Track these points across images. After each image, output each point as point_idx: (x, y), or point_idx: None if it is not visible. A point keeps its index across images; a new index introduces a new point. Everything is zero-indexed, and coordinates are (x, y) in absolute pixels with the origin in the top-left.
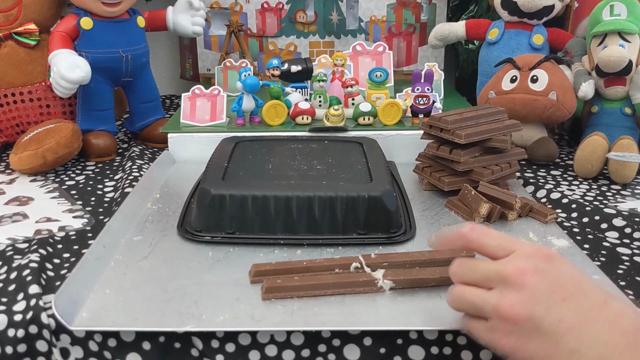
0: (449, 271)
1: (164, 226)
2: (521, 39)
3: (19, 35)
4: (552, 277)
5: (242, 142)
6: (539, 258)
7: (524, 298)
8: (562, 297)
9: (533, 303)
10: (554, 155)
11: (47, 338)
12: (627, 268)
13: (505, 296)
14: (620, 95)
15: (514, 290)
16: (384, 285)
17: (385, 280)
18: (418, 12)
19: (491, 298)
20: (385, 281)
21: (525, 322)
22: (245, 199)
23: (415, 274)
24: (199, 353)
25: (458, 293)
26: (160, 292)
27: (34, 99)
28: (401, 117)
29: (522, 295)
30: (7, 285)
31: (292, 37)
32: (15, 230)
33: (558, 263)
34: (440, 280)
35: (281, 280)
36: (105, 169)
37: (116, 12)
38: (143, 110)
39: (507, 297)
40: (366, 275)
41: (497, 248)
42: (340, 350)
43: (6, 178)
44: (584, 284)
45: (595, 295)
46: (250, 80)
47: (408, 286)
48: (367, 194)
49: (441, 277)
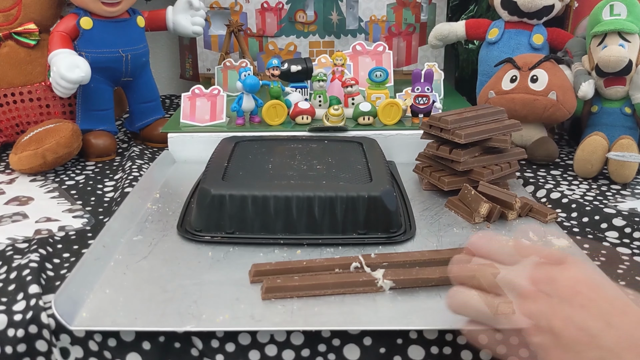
0: (447, 270)
1: (163, 226)
2: (521, 39)
3: (18, 35)
4: (567, 283)
5: (242, 142)
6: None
7: (540, 309)
8: (580, 304)
9: (551, 313)
10: (553, 155)
11: (47, 338)
12: (626, 268)
13: (520, 307)
14: (620, 95)
15: (530, 301)
16: (384, 285)
17: (385, 280)
18: (418, 12)
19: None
20: (385, 281)
21: (544, 334)
22: (245, 198)
23: (416, 274)
24: (199, 353)
25: (462, 298)
26: (160, 292)
27: (33, 98)
28: (401, 117)
29: (538, 306)
30: (7, 285)
31: (292, 37)
32: (15, 230)
33: (571, 266)
34: (440, 280)
35: (281, 280)
36: (105, 169)
37: (116, 12)
38: (143, 110)
39: (522, 309)
40: (366, 275)
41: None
42: (340, 350)
43: (6, 178)
44: (602, 288)
45: (614, 298)
46: (250, 80)
47: (408, 286)
48: (367, 194)
49: (441, 277)
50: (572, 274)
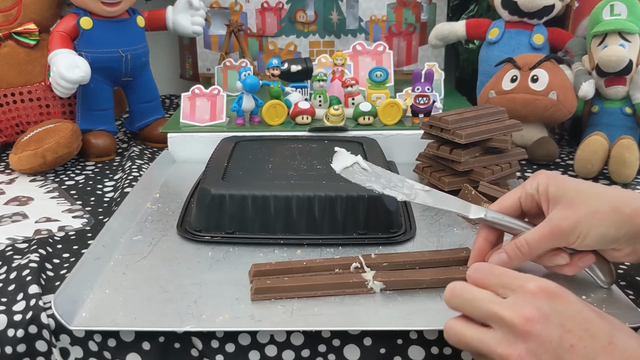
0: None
1: (163, 226)
2: (521, 39)
3: (18, 35)
4: (558, 321)
5: (242, 141)
6: (543, 298)
7: (533, 348)
8: (570, 343)
9: (542, 353)
10: (554, 155)
11: (47, 338)
12: (627, 268)
13: (513, 347)
14: (620, 95)
15: (520, 341)
16: (374, 287)
17: (375, 282)
18: (418, 12)
19: (497, 346)
20: (376, 282)
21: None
22: (245, 198)
23: (407, 276)
24: (199, 353)
25: (457, 330)
26: (160, 292)
27: (33, 98)
28: (401, 116)
29: (530, 345)
30: (7, 285)
31: (292, 36)
32: (15, 230)
33: (562, 300)
34: (431, 282)
35: (270, 282)
36: (104, 169)
37: (116, 11)
38: (143, 110)
39: (516, 348)
40: (356, 277)
41: (498, 286)
42: (340, 350)
43: (6, 178)
44: (589, 323)
45: (601, 335)
46: (250, 80)
47: (399, 287)
48: (367, 193)
49: (432, 279)
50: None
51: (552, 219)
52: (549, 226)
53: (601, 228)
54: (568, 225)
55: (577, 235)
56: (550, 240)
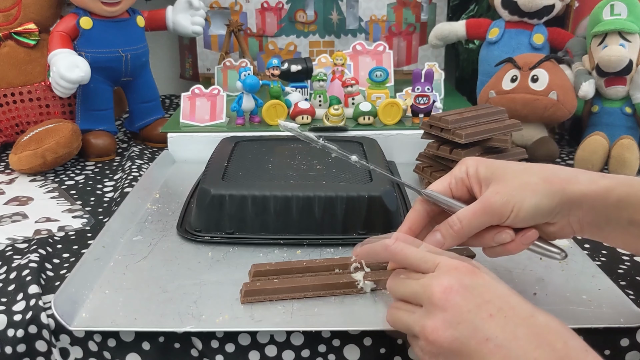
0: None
1: (163, 226)
2: (521, 39)
3: (18, 35)
4: (478, 292)
5: (241, 142)
6: (463, 272)
7: (450, 318)
8: (489, 313)
9: (459, 322)
10: (554, 155)
11: (47, 338)
12: (627, 268)
13: (430, 318)
14: (620, 94)
15: (439, 310)
16: (364, 287)
17: (366, 282)
18: (418, 12)
19: (419, 319)
20: (366, 282)
21: (450, 344)
22: (245, 199)
23: None
24: (199, 353)
25: (393, 312)
26: (160, 292)
27: (33, 98)
28: (401, 116)
29: (447, 315)
30: (7, 285)
31: (292, 36)
32: (14, 230)
33: (484, 276)
34: None
35: (260, 284)
36: (104, 169)
37: (116, 11)
38: (143, 110)
39: (432, 319)
40: (346, 277)
41: (420, 261)
42: (340, 351)
43: (6, 178)
44: (510, 297)
45: (523, 308)
46: (249, 80)
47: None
48: (367, 193)
49: None
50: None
51: (484, 196)
52: (481, 202)
53: (534, 199)
54: (500, 199)
55: (510, 208)
56: (483, 215)
